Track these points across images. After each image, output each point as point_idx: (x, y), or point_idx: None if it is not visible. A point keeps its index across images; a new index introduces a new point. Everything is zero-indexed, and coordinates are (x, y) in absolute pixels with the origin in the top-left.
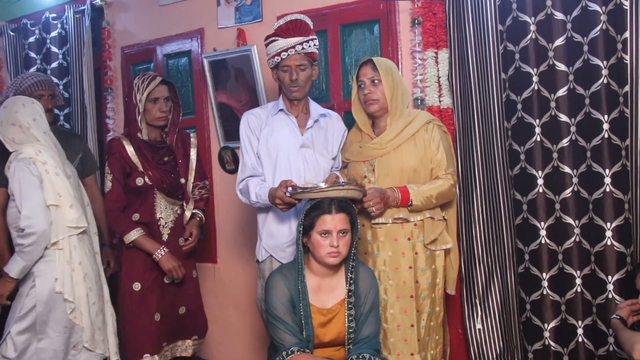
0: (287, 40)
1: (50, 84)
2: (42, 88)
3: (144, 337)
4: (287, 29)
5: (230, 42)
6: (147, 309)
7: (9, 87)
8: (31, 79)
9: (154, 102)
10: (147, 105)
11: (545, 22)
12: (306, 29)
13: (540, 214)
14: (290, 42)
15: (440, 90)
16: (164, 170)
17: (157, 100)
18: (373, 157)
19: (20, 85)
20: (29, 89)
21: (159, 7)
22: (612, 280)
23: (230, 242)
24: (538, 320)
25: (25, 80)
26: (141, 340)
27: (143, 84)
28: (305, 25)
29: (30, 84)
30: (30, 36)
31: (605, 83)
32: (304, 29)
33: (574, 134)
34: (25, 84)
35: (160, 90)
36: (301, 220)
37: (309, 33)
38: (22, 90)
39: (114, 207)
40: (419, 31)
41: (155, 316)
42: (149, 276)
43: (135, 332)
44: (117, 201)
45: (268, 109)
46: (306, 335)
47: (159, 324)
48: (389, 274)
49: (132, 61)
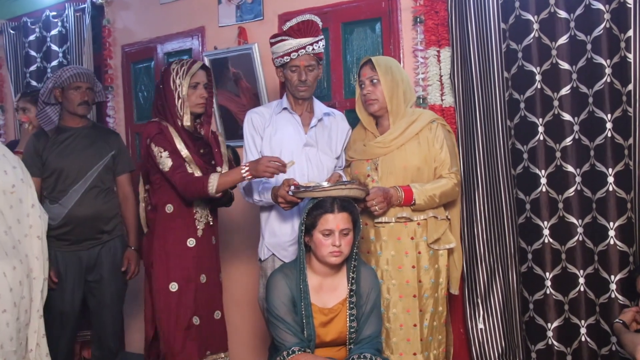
0: (298, 41)
1: (90, 77)
2: (81, 80)
3: (185, 341)
4: (298, 29)
5: (231, 40)
6: (185, 312)
7: (49, 79)
8: (71, 70)
9: (194, 87)
10: (188, 91)
11: (549, 21)
12: (316, 30)
13: (543, 213)
14: (301, 43)
15: (442, 89)
16: (204, 162)
17: (197, 85)
18: (376, 155)
19: (60, 76)
20: (68, 80)
21: (160, 5)
22: (615, 279)
23: (233, 240)
24: (541, 319)
25: (65, 71)
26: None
27: (183, 67)
28: (315, 25)
29: (70, 75)
30: (31, 34)
31: (609, 82)
32: (314, 29)
33: (577, 133)
34: (65, 75)
35: (201, 75)
36: (303, 219)
37: (318, 33)
38: (61, 81)
39: (183, 178)
40: (421, 29)
41: (193, 319)
42: (187, 275)
43: (176, 338)
44: (183, 171)
45: (272, 108)
46: (307, 334)
47: (199, 327)
48: (391, 274)
49: (132, 59)
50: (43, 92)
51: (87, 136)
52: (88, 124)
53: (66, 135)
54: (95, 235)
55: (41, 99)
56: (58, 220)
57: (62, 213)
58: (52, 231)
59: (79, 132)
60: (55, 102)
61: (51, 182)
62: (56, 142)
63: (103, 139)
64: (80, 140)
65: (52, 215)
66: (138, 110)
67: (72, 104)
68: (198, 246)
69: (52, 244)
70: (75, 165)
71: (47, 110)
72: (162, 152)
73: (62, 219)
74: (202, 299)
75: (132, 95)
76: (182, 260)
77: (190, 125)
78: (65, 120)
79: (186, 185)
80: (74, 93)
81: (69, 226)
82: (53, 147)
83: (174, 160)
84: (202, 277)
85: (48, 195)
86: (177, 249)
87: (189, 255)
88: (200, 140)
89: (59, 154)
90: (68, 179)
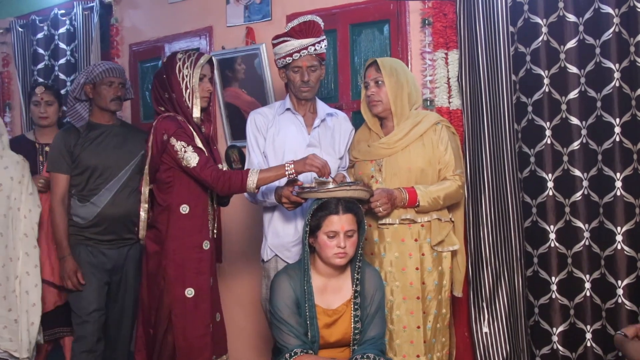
0: (300, 41)
1: (121, 72)
2: (114, 75)
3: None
4: (300, 30)
5: (239, 40)
6: (203, 317)
7: (81, 74)
8: (103, 65)
9: (200, 80)
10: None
11: (557, 24)
12: (318, 30)
13: (549, 217)
14: (303, 43)
15: (449, 92)
16: (212, 157)
17: (203, 78)
18: (381, 156)
19: (92, 72)
20: (100, 76)
21: (168, 4)
22: (622, 285)
23: (236, 241)
24: (546, 324)
25: (97, 67)
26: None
27: (190, 58)
28: (317, 26)
29: (102, 70)
30: (39, 32)
31: (618, 86)
32: (316, 30)
33: (585, 137)
34: (96, 70)
35: (207, 68)
36: (308, 221)
37: (320, 34)
38: (93, 77)
39: (217, 173)
40: (429, 32)
41: (210, 326)
42: (203, 279)
43: (193, 346)
44: (213, 165)
45: (275, 108)
46: (311, 336)
47: (213, 334)
48: (395, 275)
49: (139, 58)
50: (74, 87)
51: (118, 134)
52: (117, 122)
53: (98, 132)
54: (125, 235)
55: (72, 95)
56: (89, 219)
57: (94, 212)
58: (83, 230)
59: (110, 129)
60: (86, 98)
61: (82, 180)
62: (88, 139)
63: (134, 137)
64: (113, 137)
65: (83, 214)
66: (145, 109)
67: (105, 100)
68: (211, 248)
69: (80, 243)
70: (109, 163)
71: (77, 106)
72: (185, 147)
73: (94, 218)
74: (212, 303)
75: (140, 94)
76: (198, 263)
77: (198, 117)
78: (95, 117)
79: (222, 180)
80: (107, 89)
81: (101, 226)
82: (85, 144)
83: (201, 155)
84: (211, 280)
85: (77, 194)
86: (194, 252)
87: (205, 259)
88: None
89: (92, 151)
90: (101, 177)
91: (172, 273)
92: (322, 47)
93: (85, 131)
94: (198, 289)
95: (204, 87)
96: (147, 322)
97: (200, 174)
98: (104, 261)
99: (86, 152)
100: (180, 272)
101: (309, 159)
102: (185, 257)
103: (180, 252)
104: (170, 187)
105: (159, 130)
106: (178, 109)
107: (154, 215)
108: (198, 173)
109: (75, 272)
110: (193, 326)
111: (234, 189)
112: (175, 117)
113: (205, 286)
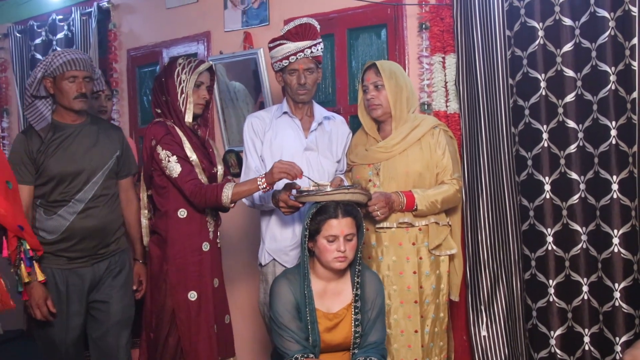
0: (296, 44)
1: (86, 63)
2: (76, 67)
3: (207, 353)
4: (296, 32)
5: (236, 45)
6: (207, 319)
7: (39, 66)
8: (63, 56)
9: (197, 86)
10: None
11: (554, 28)
12: (314, 33)
13: (547, 220)
14: (299, 46)
15: (447, 95)
16: (207, 160)
17: (201, 85)
18: (378, 160)
19: (51, 64)
20: (59, 69)
21: (166, 9)
22: (619, 288)
23: (233, 245)
24: (544, 327)
25: (56, 58)
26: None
27: (190, 64)
28: (313, 28)
29: (62, 62)
30: (37, 38)
31: (613, 89)
32: (312, 32)
33: (582, 140)
34: (56, 62)
35: (206, 76)
36: (306, 225)
37: (316, 36)
38: (52, 70)
39: (195, 187)
40: (426, 36)
41: (214, 327)
42: (205, 282)
43: (199, 349)
44: (194, 178)
45: (272, 112)
46: (312, 340)
47: (218, 336)
48: (392, 279)
49: (138, 63)
50: (31, 82)
51: (88, 134)
52: (87, 119)
53: (63, 134)
54: (100, 249)
55: (28, 91)
56: (57, 235)
57: (61, 226)
58: (49, 246)
59: (78, 129)
60: (47, 94)
61: (47, 190)
62: (52, 142)
63: (106, 136)
64: (82, 139)
65: (49, 229)
66: (143, 114)
67: (67, 98)
68: (211, 250)
69: (48, 262)
70: (79, 169)
71: (37, 104)
72: (169, 157)
73: (62, 233)
74: (217, 304)
75: (137, 99)
76: (199, 266)
77: (190, 123)
78: (59, 116)
79: (198, 195)
80: (68, 84)
81: (71, 241)
82: (50, 149)
83: (184, 166)
84: (215, 281)
85: (42, 205)
86: (194, 255)
87: (206, 261)
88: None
89: (59, 158)
90: (70, 186)
91: (174, 277)
92: (318, 49)
93: (49, 133)
94: (201, 292)
95: (200, 94)
96: (148, 325)
97: (180, 185)
98: (77, 281)
99: (52, 159)
100: (182, 276)
101: (275, 166)
102: (186, 261)
103: (181, 257)
104: (166, 191)
105: (148, 135)
106: (172, 112)
107: (155, 220)
108: (179, 184)
109: (44, 299)
110: (198, 329)
111: (209, 204)
112: (164, 123)
113: (208, 289)
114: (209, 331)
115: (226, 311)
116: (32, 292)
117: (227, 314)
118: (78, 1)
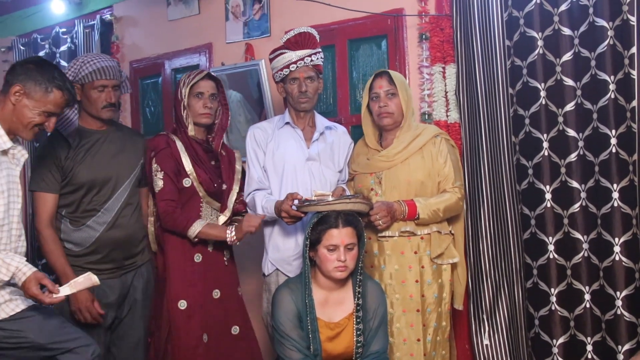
0: (296, 53)
1: (115, 71)
2: (106, 77)
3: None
4: (295, 41)
5: (238, 56)
6: (194, 329)
7: (67, 70)
8: (92, 64)
9: (197, 97)
10: (191, 101)
11: (553, 38)
12: (314, 42)
13: (548, 229)
14: (299, 55)
15: (447, 105)
16: (212, 174)
17: (201, 94)
18: (380, 169)
19: (80, 71)
20: (88, 77)
21: (168, 22)
22: (621, 296)
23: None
24: (547, 336)
25: (85, 65)
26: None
27: (188, 77)
28: (313, 37)
29: (91, 71)
30: (40, 50)
31: (613, 98)
32: (311, 41)
33: (582, 148)
34: (85, 69)
35: (205, 85)
36: (308, 234)
37: (316, 45)
38: (80, 78)
39: (168, 208)
40: (426, 46)
41: (203, 337)
42: (195, 291)
43: (183, 355)
44: (171, 199)
45: (274, 123)
46: (314, 349)
47: (208, 345)
48: (395, 288)
49: (140, 75)
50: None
51: (114, 140)
52: (111, 126)
53: (90, 140)
54: (127, 261)
55: None
56: (85, 247)
57: (90, 237)
58: (76, 259)
59: (104, 135)
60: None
61: (76, 199)
62: (80, 149)
63: (132, 143)
64: (109, 145)
65: (76, 240)
66: (145, 126)
67: (95, 107)
68: (206, 261)
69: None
70: (108, 177)
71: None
72: (158, 171)
73: (91, 245)
74: (215, 315)
75: (140, 110)
76: (190, 276)
77: (195, 134)
78: (85, 122)
79: (168, 217)
80: (97, 94)
81: (100, 253)
82: (78, 156)
83: (166, 184)
84: (216, 292)
85: (69, 216)
86: (186, 265)
87: (198, 272)
88: (210, 152)
89: (88, 164)
90: (99, 195)
91: (169, 285)
92: (318, 58)
93: (76, 140)
94: (191, 302)
95: (202, 104)
96: (150, 330)
97: (157, 201)
98: (106, 294)
99: (81, 165)
100: (174, 284)
101: (245, 220)
102: (180, 270)
103: (175, 266)
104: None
105: (149, 147)
106: (180, 125)
107: (157, 228)
108: (156, 200)
109: (92, 301)
110: (187, 338)
111: (177, 230)
112: (166, 136)
113: (200, 299)
114: (196, 341)
115: (235, 322)
116: (77, 296)
117: (235, 325)
118: (81, 14)
